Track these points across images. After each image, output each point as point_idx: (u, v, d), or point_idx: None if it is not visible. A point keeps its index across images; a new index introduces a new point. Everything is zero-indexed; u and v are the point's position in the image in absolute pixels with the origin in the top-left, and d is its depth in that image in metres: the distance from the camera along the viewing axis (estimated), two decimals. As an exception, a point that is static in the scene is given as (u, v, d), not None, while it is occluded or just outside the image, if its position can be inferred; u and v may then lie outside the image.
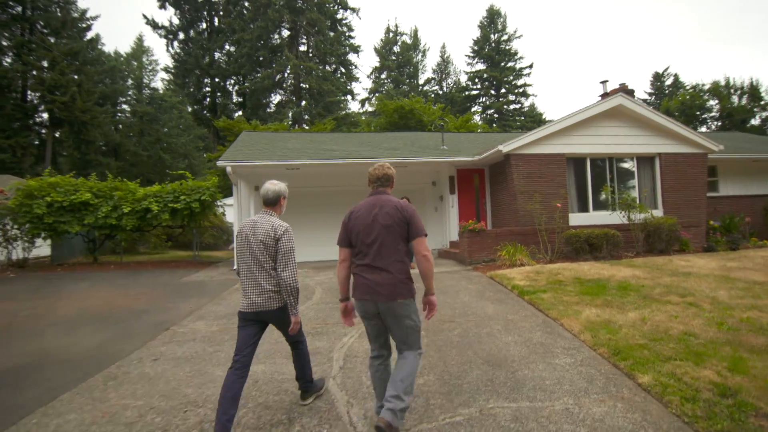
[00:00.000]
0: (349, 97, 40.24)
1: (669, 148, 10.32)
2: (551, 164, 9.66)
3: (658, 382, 2.97)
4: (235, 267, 10.17)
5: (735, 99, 33.59)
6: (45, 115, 26.63)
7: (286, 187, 2.82)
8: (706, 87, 34.45)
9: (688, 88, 35.93)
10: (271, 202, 2.73)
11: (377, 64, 44.21)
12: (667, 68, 47.60)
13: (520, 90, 42.73)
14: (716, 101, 33.67)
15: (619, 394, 2.90)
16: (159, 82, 41.93)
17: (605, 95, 11.49)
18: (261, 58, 36.91)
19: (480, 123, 34.38)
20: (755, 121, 32.75)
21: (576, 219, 9.59)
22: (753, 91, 32.93)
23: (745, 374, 3.01)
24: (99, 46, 32.89)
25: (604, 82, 12.27)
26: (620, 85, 11.62)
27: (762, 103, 32.55)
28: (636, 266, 7.31)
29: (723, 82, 33.95)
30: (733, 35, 64.87)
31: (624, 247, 8.89)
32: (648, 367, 3.21)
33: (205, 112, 37.80)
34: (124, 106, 39.18)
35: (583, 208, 10.04)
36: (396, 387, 2.26)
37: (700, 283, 5.89)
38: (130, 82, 40.37)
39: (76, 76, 26.71)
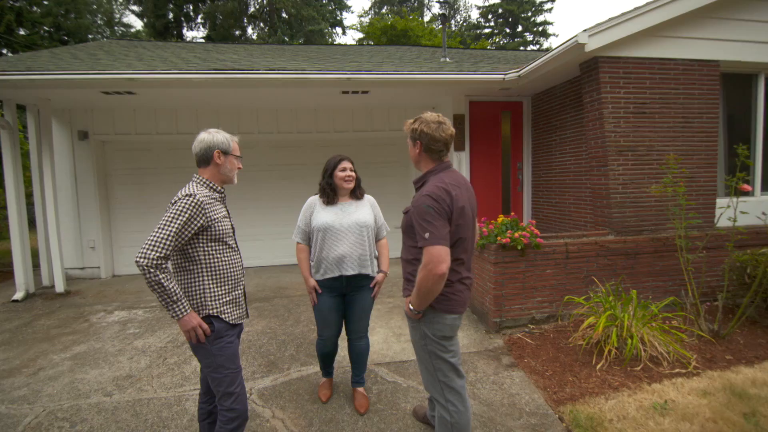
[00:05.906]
0: (338, 30, 33.20)
1: None
2: (691, 84, 4.20)
3: None
4: (15, 297, 5.21)
5: None
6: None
7: (227, 137, 1.78)
8: None
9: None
10: (199, 161, 1.76)
11: (377, -3, 36.52)
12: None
13: (539, 29, 35.69)
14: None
15: None
16: (131, 17, 34.40)
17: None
18: (227, -24, 29.73)
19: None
20: None
21: (724, 211, 4.26)
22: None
23: None
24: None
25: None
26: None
27: None
28: None
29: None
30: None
31: None
32: None
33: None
34: (95, 45, 32.26)
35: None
36: None
37: None
38: (99, 17, 33.11)
39: (12, 2, 20.33)
